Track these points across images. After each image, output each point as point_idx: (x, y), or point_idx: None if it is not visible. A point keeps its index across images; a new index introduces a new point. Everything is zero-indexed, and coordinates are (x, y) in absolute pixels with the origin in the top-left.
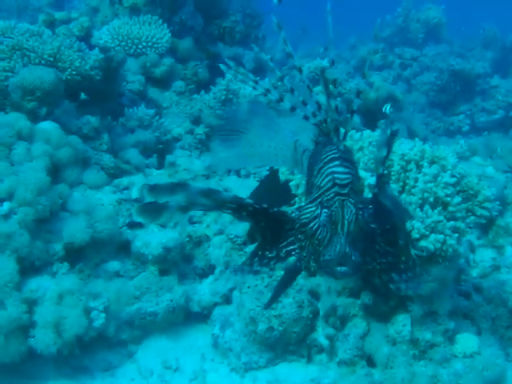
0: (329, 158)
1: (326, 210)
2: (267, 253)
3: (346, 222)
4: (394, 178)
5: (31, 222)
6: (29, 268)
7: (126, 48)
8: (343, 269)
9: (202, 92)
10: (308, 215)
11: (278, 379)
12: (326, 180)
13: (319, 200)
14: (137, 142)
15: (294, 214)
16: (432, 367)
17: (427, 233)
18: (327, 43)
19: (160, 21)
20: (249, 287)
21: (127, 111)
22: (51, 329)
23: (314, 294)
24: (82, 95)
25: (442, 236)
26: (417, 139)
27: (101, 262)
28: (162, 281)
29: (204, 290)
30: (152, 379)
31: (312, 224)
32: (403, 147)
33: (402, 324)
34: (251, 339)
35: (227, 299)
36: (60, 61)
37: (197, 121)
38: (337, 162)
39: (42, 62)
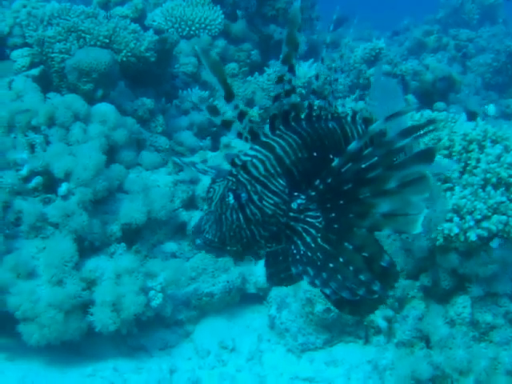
0: None
1: (209, 186)
2: None
3: (219, 201)
4: (455, 158)
5: (89, 203)
6: (87, 248)
7: (180, 30)
8: (197, 241)
9: (256, 74)
10: None
11: (334, 360)
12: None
13: None
14: (191, 124)
15: None
16: (492, 349)
17: (489, 214)
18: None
19: (213, 2)
20: None
21: (181, 93)
22: (110, 308)
23: None
24: (137, 77)
25: (504, 217)
26: (479, 119)
27: (157, 243)
28: (218, 262)
29: (260, 272)
30: (209, 359)
31: None
32: (465, 127)
33: (462, 306)
34: (308, 320)
35: None
36: (115, 42)
37: (250, 103)
38: (249, 145)
39: (98, 43)
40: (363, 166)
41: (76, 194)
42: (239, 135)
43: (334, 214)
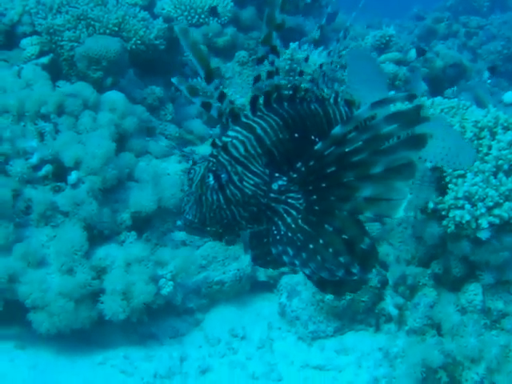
0: None
1: (190, 167)
2: None
3: (199, 182)
4: None
5: (98, 191)
6: (97, 236)
7: (189, 18)
8: (178, 222)
9: (266, 62)
10: None
11: (345, 348)
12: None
13: None
14: (200, 113)
15: None
16: (504, 337)
17: (501, 201)
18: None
19: None
20: None
21: (190, 81)
22: (120, 296)
23: (382, 264)
24: (146, 65)
25: None
26: (490, 105)
27: (167, 231)
28: (229, 250)
29: None
30: (219, 347)
31: None
32: (476, 114)
33: (473, 293)
34: (319, 308)
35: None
36: (124, 30)
37: None
38: (232, 127)
39: (107, 31)
40: (347, 149)
41: (86, 182)
42: (220, 116)
43: (315, 197)
